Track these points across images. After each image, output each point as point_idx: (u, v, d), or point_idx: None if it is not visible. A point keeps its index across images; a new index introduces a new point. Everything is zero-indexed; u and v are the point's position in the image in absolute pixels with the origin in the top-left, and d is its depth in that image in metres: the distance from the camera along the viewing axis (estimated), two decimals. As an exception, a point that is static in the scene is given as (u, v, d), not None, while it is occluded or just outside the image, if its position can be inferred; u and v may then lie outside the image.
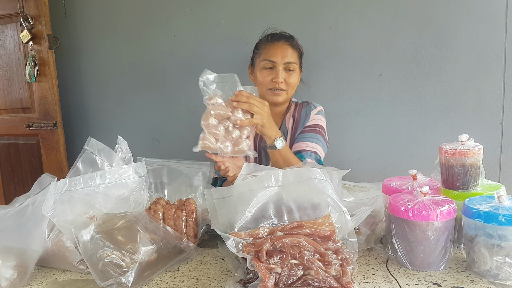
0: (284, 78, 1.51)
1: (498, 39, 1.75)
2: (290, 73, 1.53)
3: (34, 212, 0.96)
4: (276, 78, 1.49)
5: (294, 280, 0.76)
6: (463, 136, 1.00)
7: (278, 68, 1.50)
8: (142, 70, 2.32)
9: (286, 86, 1.52)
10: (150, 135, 2.38)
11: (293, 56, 1.53)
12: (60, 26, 2.39)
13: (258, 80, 1.55)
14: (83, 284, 0.91)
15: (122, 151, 1.14)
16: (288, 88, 1.53)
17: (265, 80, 1.52)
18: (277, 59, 1.50)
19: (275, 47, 1.53)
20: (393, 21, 1.87)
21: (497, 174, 1.82)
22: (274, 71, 1.51)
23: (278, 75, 1.49)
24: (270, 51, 1.52)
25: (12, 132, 2.46)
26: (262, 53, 1.55)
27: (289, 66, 1.52)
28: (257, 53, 1.59)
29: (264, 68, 1.52)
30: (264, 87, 1.53)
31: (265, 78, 1.52)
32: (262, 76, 1.53)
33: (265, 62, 1.52)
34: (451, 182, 1.01)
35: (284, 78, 1.51)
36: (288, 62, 1.51)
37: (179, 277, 0.93)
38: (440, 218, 0.87)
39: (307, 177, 0.90)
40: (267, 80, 1.51)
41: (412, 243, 0.90)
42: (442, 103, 1.86)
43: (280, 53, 1.51)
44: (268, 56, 1.52)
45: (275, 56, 1.51)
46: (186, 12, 2.18)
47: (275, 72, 1.51)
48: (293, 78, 1.53)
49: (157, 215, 1.05)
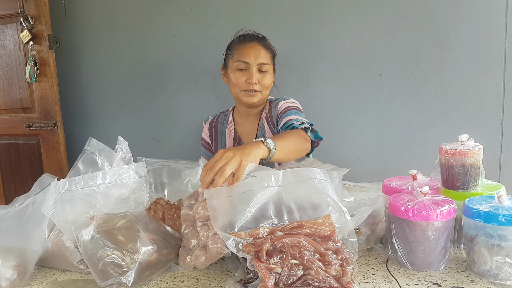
0: (258, 79, 1.48)
1: (498, 39, 1.75)
2: (264, 74, 1.50)
3: (34, 212, 0.96)
4: (250, 79, 1.47)
5: (294, 280, 0.76)
6: (463, 136, 1.00)
7: (252, 69, 1.48)
8: (142, 70, 2.32)
9: (260, 87, 1.50)
10: (150, 135, 2.38)
11: (266, 57, 1.51)
12: (60, 26, 2.39)
13: (231, 81, 1.52)
14: (83, 284, 0.91)
15: (122, 151, 1.14)
16: (263, 89, 1.51)
17: (239, 81, 1.49)
18: (250, 60, 1.48)
19: (248, 48, 1.50)
20: (393, 21, 1.87)
21: (497, 174, 1.82)
22: (248, 72, 1.48)
23: (252, 76, 1.47)
24: (243, 52, 1.50)
25: (12, 132, 2.47)
26: (234, 54, 1.52)
27: (262, 67, 1.49)
28: (230, 54, 1.56)
29: (238, 69, 1.50)
30: (238, 88, 1.51)
31: (239, 79, 1.49)
32: (236, 77, 1.50)
33: (238, 63, 1.49)
34: (451, 182, 1.01)
35: (258, 79, 1.49)
36: (261, 63, 1.49)
37: (179, 277, 0.93)
38: (440, 218, 0.87)
39: (307, 177, 0.90)
40: (241, 81, 1.49)
41: (412, 243, 0.90)
42: (442, 103, 1.86)
43: (253, 54, 1.49)
44: (241, 57, 1.49)
45: (248, 57, 1.48)
46: (186, 12, 2.18)
47: (248, 73, 1.48)
48: (267, 79, 1.51)
49: (157, 215, 1.05)
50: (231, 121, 1.67)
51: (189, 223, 1.00)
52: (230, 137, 1.65)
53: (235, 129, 1.66)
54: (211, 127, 1.72)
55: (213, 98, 2.23)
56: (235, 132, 1.65)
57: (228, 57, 1.57)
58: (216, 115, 1.75)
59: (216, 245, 0.89)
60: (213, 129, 1.71)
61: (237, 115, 1.67)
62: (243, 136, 1.64)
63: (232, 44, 1.58)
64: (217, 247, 0.88)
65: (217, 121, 1.71)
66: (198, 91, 2.25)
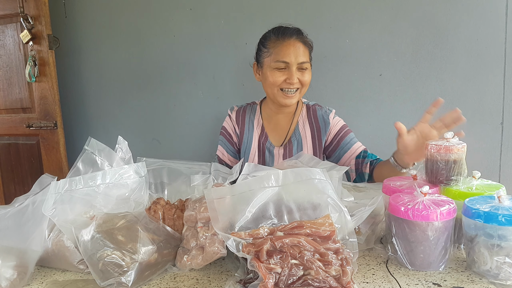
0: (297, 78, 1.43)
1: (498, 39, 1.75)
2: (303, 72, 1.44)
3: (34, 212, 0.95)
4: (290, 79, 1.41)
5: (294, 280, 0.76)
6: (448, 133, 1.04)
7: (292, 69, 1.41)
8: (142, 70, 2.32)
9: (299, 85, 1.45)
10: (150, 135, 2.38)
11: (305, 55, 1.44)
12: (60, 26, 2.39)
13: (268, 80, 1.46)
14: (83, 284, 0.91)
15: (122, 151, 1.14)
16: (302, 88, 1.46)
17: (277, 81, 1.43)
18: (290, 60, 1.41)
19: (287, 46, 1.42)
20: (393, 21, 1.87)
21: (497, 174, 1.82)
22: (287, 72, 1.42)
23: (293, 76, 1.41)
24: (282, 50, 1.42)
25: (12, 132, 2.47)
26: (272, 52, 1.44)
27: (302, 66, 1.43)
28: (265, 51, 1.47)
29: (276, 69, 1.43)
30: (275, 88, 1.45)
31: (278, 79, 1.43)
32: (274, 77, 1.44)
33: (278, 63, 1.42)
34: (435, 176, 1.04)
35: (298, 77, 1.43)
36: (302, 61, 1.42)
37: (179, 277, 0.93)
38: (440, 218, 0.87)
39: (307, 177, 0.90)
40: (280, 81, 1.43)
41: (412, 243, 0.90)
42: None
43: (293, 53, 1.41)
44: (280, 56, 1.42)
45: (288, 56, 1.41)
46: (186, 12, 2.18)
47: (288, 73, 1.42)
48: (306, 77, 1.45)
49: (157, 215, 1.05)
50: (259, 114, 1.60)
51: (191, 224, 1.00)
52: (257, 130, 1.58)
53: (263, 124, 1.59)
54: (238, 116, 1.63)
55: (213, 98, 2.23)
56: (263, 127, 1.59)
57: (264, 55, 1.48)
58: (242, 105, 1.67)
59: (213, 245, 0.89)
60: (241, 119, 1.62)
61: (266, 110, 1.60)
62: (270, 133, 1.58)
63: (267, 41, 1.48)
64: (214, 247, 0.89)
65: (244, 111, 1.63)
66: (198, 91, 2.25)
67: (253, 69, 1.57)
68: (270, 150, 1.55)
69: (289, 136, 1.55)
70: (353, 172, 1.47)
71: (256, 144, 1.58)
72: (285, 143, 1.55)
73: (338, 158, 1.52)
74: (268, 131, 1.58)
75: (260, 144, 1.57)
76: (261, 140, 1.57)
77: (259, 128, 1.59)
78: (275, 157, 1.55)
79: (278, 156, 1.54)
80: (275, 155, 1.55)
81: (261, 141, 1.57)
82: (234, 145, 1.64)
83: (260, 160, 1.58)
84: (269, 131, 1.58)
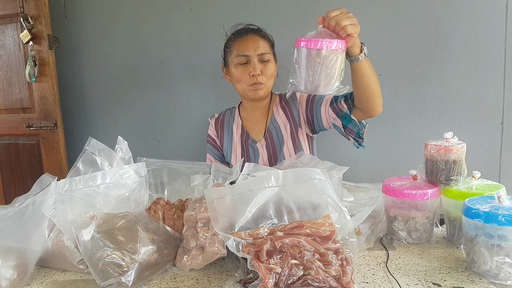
0: (260, 70, 1.46)
1: (498, 39, 1.75)
2: (266, 64, 1.48)
3: (34, 212, 0.96)
4: (254, 71, 1.45)
5: (294, 280, 0.76)
6: (448, 133, 1.05)
7: (253, 61, 1.45)
8: (142, 70, 2.32)
9: (264, 78, 1.48)
10: (150, 135, 2.38)
11: (265, 47, 1.49)
12: (60, 26, 2.39)
13: (235, 77, 1.50)
14: (83, 284, 0.91)
15: (122, 151, 1.14)
16: (267, 80, 1.49)
17: (242, 76, 1.48)
18: (250, 52, 1.45)
19: (245, 41, 1.48)
20: (393, 21, 1.87)
21: (497, 174, 1.82)
22: (250, 65, 1.46)
23: (255, 67, 1.45)
24: (241, 45, 1.48)
25: (12, 132, 2.47)
26: (233, 50, 1.50)
27: (263, 57, 1.47)
28: (228, 51, 1.54)
29: (239, 64, 1.48)
30: (243, 83, 1.49)
31: (242, 73, 1.47)
32: (239, 72, 1.48)
33: (239, 58, 1.47)
34: (435, 176, 1.04)
35: (261, 70, 1.46)
36: (261, 53, 1.46)
37: (179, 277, 0.93)
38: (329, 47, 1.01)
39: (307, 177, 0.90)
40: (245, 76, 1.47)
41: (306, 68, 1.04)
42: (442, 103, 1.86)
43: (251, 46, 1.46)
44: (240, 51, 1.47)
45: (247, 49, 1.46)
46: (186, 12, 2.18)
47: (250, 66, 1.46)
48: (269, 68, 1.49)
49: (157, 215, 1.05)
50: (237, 117, 1.66)
51: (191, 224, 1.00)
52: (238, 132, 1.63)
53: (242, 124, 1.64)
54: (217, 123, 1.70)
55: (213, 98, 2.23)
56: (243, 127, 1.63)
57: (227, 54, 1.55)
58: (222, 112, 1.73)
59: (213, 245, 0.89)
60: (219, 125, 1.69)
61: (243, 110, 1.66)
62: (251, 130, 1.62)
63: (228, 41, 1.56)
64: (214, 247, 0.89)
65: (223, 117, 1.70)
66: (198, 91, 2.25)
67: (223, 72, 1.62)
68: (253, 146, 1.59)
69: (267, 127, 1.59)
70: (337, 120, 1.39)
71: (238, 144, 1.62)
72: (265, 134, 1.58)
73: (319, 120, 1.48)
74: (248, 129, 1.63)
75: (242, 143, 1.62)
76: (243, 139, 1.62)
77: (239, 129, 1.64)
78: (260, 151, 1.58)
79: (262, 148, 1.58)
80: (258, 148, 1.58)
81: (243, 140, 1.62)
82: (219, 149, 1.70)
83: (245, 159, 1.61)
84: (249, 129, 1.63)
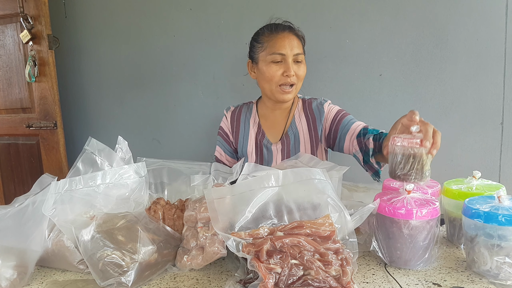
0: (294, 71, 1.41)
1: (498, 39, 1.75)
2: (299, 65, 1.43)
3: (34, 212, 0.96)
4: (288, 72, 1.39)
5: (294, 280, 0.76)
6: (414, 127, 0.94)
7: (288, 61, 1.40)
8: (142, 70, 2.32)
9: (296, 79, 1.44)
10: (150, 135, 2.38)
11: (299, 47, 1.43)
12: (60, 26, 2.39)
13: (265, 76, 1.44)
14: (83, 284, 0.91)
15: (122, 151, 1.14)
16: (298, 82, 1.45)
17: (275, 75, 1.41)
18: (286, 51, 1.39)
19: (282, 38, 1.41)
20: (393, 21, 1.87)
21: (497, 174, 1.82)
22: (284, 65, 1.40)
23: (290, 68, 1.39)
24: (277, 43, 1.41)
25: (12, 132, 2.47)
26: (266, 46, 1.43)
27: (297, 58, 1.42)
28: (259, 46, 1.46)
29: (272, 62, 1.41)
30: (273, 83, 1.44)
31: (275, 73, 1.41)
32: (271, 71, 1.41)
33: (273, 55, 1.40)
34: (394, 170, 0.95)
35: (294, 71, 1.41)
36: (297, 53, 1.41)
37: (179, 277, 0.93)
38: (417, 218, 0.87)
39: (307, 177, 0.90)
40: (278, 75, 1.41)
41: (390, 239, 0.91)
42: (442, 103, 1.86)
43: (288, 44, 1.40)
44: (275, 49, 1.40)
45: (284, 48, 1.39)
46: (186, 12, 2.18)
47: (285, 66, 1.40)
48: (302, 70, 1.44)
49: (157, 215, 1.05)
50: (255, 113, 1.60)
51: (191, 224, 1.00)
52: (254, 128, 1.58)
53: (259, 121, 1.58)
54: (233, 117, 1.63)
55: (213, 98, 2.23)
56: (259, 125, 1.58)
57: (258, 50, 1.47)
58: (239, 105, 1.66)
59: (213, 245, 0.89)
60: (236, 119, 1.62)
61: (262, 108, 1.60)
62: (267, 130, 1.57)
63: (260, 36, 1.47)
64: (214, 247, 0.89)
65: (240, 111, 1.63)
66: (198, 91, 2.25)
67: (248, 67, 1.56)
68: (268, 147, 1.55)
69: (286, 130, 1.55)
70: (359, 153, 1.36)
71: (253, 142, 1.58)
72: (282, 138, 1.54)
73: (341, 144, 1.45)
74: (265, 129, 1.58)
75: (257, 142, 1.57)
76: (258, 137, 1.57)
77: (255, 126, 1.59)
78: (274, 153, 1.54)
79: (276, 151, 1.54)
80: (273, 151, 1.54)
81: (258, 138, 1.57)
82: (231, 145, 1.64)
83: (258, 158, 1.57)
84: (266, 128, 1.58)
